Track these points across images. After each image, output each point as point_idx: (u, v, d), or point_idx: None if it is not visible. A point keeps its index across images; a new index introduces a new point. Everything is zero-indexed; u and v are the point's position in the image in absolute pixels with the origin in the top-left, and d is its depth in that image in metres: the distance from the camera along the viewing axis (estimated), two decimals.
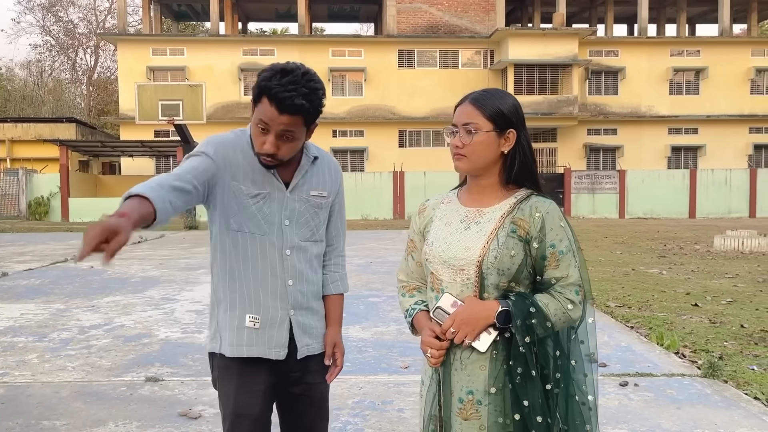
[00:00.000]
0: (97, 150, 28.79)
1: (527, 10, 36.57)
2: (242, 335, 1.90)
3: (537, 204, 1.68)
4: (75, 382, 4.29)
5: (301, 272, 1.95)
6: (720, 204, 26.81)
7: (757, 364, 4.60)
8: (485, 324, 1.62)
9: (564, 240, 1.66)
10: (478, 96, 1.72)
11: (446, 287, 1.70)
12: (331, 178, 2.03)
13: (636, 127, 30.52)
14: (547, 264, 1.66)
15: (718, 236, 13.39)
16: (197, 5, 36.21)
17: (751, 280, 8.77)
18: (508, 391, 1.62)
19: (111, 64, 46.64)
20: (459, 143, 1.69)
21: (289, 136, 1.80)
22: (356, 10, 38.49)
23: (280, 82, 1.75)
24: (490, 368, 1.64)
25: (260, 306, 1.91)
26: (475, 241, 1.68)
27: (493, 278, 1.65)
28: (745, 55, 30.77)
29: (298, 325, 1.95)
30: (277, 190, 1.90)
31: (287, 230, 1.92)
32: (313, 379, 2.00)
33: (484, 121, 1.68)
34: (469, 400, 1.65)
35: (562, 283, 1.65)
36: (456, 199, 1.81)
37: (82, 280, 9.12)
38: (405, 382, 4.21)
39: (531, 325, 1.59)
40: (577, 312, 1.65)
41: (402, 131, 30.44)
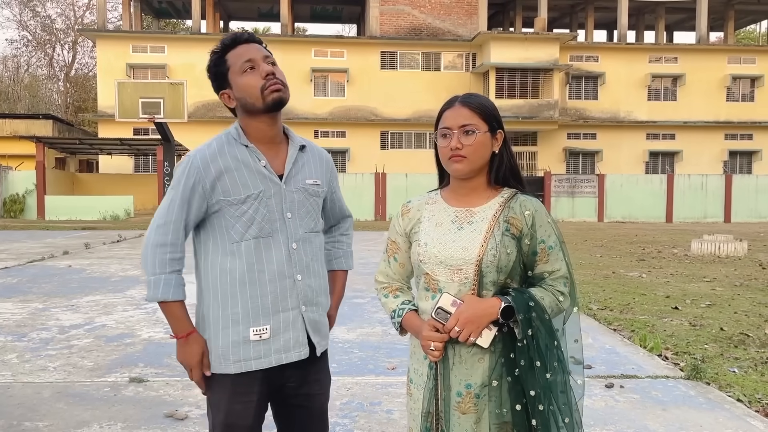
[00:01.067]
0: (74, 147, 28.37)
1: (509, 15, 36.85)
2: (248, 350, 1.85)
3: (525, 202, 1.75)
4: (57, 382, 4.22)
5: (308, 265, 1.92)
6: (696, 209, 27.24)
7: (737, 367, 4.68)
8: (488, 321, 1.66)
9: (552, 235, 1.74)
10: (470, 99, 1.77)
11: (443, 287, 1.73)
12: (322, 167, 2.02)
13: (615, 132, 30.91)
14: (538, 259, 1.73)
15: (695, 240, 13.59)
16: (178, 3, 35.91)
17: (728, 283, 8.91)
18: (507, 383, 1.67)
19: (89, 60, 46.09)
20: (459, 144, 1.71)
21: (271, 60, 1.89)
22: (339, 10, 38.47)
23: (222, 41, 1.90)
24: (489, 361, 1.69)
25: (269, 314, 1.86)
26: (471, 241, 1.72)
27: (491, 276, 1.69)
28: (722, 62, 31.33)
29: (309, 322, 1.92)
30: (272, 184, 1.86)
31: (291, 223, 1.89)
32: (312, 390, 1.96)
33: (481, 123, 1.73)
34: (468, 393, 1.69)
35: (553, 276, 1.74)
36: (441, 200, 1.83)
37: (61, 279, 8.98)
38: (393, 383, 4.20)
39: (531, 318, 1.65)
40: (567, 302, 1.74)
41: (384, 133, 30.47)
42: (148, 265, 1.81)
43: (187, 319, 1.86)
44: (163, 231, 1.82)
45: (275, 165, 1.89)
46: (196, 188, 1.81)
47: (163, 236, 1.81)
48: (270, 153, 1.89)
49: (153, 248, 1.81)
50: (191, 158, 1.84)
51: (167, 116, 19.51)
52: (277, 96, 1.84)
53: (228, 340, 1.84)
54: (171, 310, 1.84)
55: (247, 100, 1.85)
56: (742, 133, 31.62)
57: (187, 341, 1.84)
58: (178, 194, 1.82)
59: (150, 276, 1.81)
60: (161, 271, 1.80)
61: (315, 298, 1.94)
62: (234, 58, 1.85)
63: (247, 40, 1.89)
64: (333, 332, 5.60)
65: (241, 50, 1.86)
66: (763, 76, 31.18)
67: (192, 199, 1.81)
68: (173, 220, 1.81)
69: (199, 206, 1.83)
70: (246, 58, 1.84)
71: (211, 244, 1.87)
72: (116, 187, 27.41)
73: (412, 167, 28.50)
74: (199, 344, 1.85)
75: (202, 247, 1.90)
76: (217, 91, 1.92)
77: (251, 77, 1.83)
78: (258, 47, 1.88)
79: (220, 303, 1.85)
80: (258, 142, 1.88)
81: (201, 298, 1.91)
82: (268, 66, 1.85)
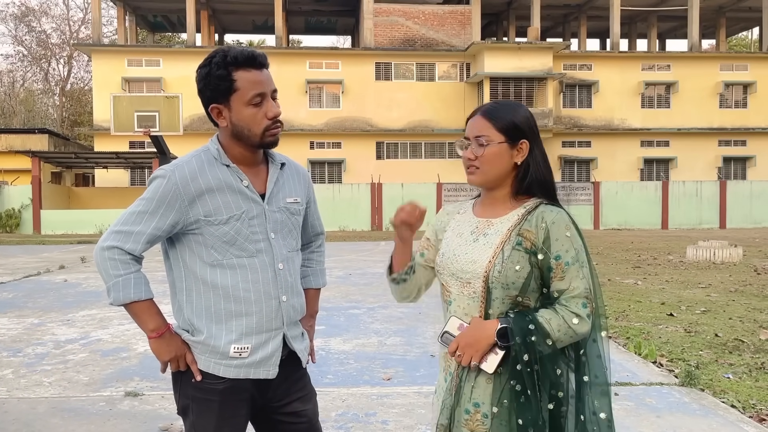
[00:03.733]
0: (70, 161, 28.37)
1: (502, 24, 37.08)
2: (224, 361, 1.81)
3: (544, 214, 1.65)
4: (52, 397, 4.22)
5: (292, 286, 1.90)
6: (691, 215, 27.32)
7: (732, 373, 4.70)
8: (487, 344, 1.60)
9: (570, 251, 1.61)
10: (490, 108, 1.71)
11: (455, 299, 1.71)
12: (301, 184, 1.99)
13: (609, 140, 31.03)
14: (553, 275, 1.62)
15: (690, 247, 13.63)
16: (173, 16, 36.08)
17: (723, 289, 8.94)
18: (514, 408, 1.60)
19: (84, 74, 46.15)
20: (471, 155, 1.69)
21: (275, 93, 1.82)
22: (333, 22, 38.67)
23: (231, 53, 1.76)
24: (495, 383, 1.63)
25: (252, 334, 1.82)
26: (481, 254, 1.67)
27: (498, 292, 1.63)
28: (714, 69, 31.52)
29: (291, 339, 1.90)
30: (254, 204, 1.82)
31: (275, 243, 1.85)
32: (300, 406, 1.93)
33: (496, 133, 1.67)
34: (476, 411, 1.65)
35: (566, 295, 1.60)
36: (470, 210, 1.81)
37: (57, 294, 8.96)
38: (388, 393, 4.21)
39: (531, 342, 1.56)
40: (584, 326, 1.59)
41: (379, 143, 30.55)
42: (108, 268, 1.74)
43: (161, 313, 1.81)
44: (122, 238, 1.75)
45: (256, 184, 1.84)
46: (173, 204, 1.75)
47: (121, 242, 1.74)
48: (250, 172, 1.85)
49: (109, 251, 1.74)
50: (169, 174, 1.76)
51: (163, 129, 19.55)
52: (275, 140, 1.83)
53: (208, 346, 1.80)
54: (145, 307, 1.78)
55: (244, 133, 1.79)
56: (736, 140, 31.78)
57: (171, 332, 1.81)
58: (150, 207, 1.75)
59: (112, 280, 1.74)
60: (125, 271, 1.74)
61: (296, 317, 1.94)
62: (244, 84, 1.75)
63: (261, 64, 1.79)
64: (329, 343, 5.64)
65: (253, 76, 1.76)
66: (755, 82, 31.38)
67: (166, 215, 1.75)
68: (137, 231, 1.75)
69: (173, 223, 1.76)
70: (257, 91, 1.76)
71: (188, 258, 1.82)
72: (112, 201, 27.37)
73: (408, 177, 28.56)
74: (178, 335, 1.83)
75: (177, 260, 1.85)
76: (207, 101, 1.81)
77: (257, 113, 1.77)
78: (269, 77, 1.80)
79: (204, 317, 1.80)
80: (239, 162, 1.83)
81: (182, 311, 1.84)
82: (276, 108, 1.79)
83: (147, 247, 1.79)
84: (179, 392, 1.88)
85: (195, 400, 1.83)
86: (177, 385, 1.88)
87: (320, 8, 35.47)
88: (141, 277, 1.79)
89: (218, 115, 1.81)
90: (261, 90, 1.77)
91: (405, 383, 4.46)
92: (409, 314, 7.10)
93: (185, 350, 1.82)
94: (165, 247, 1.88)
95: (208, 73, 1.77)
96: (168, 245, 1.87)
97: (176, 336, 1.83)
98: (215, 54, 1.78)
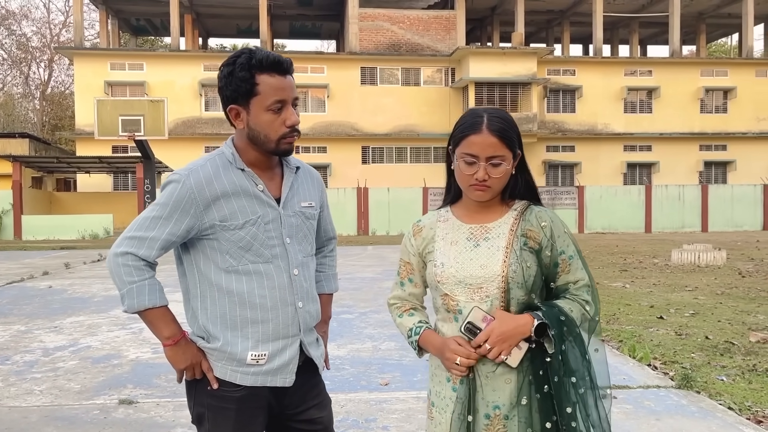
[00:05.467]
0: (52, 166, 28.01)
1: (486, 29, 37.32)
2: (240, 368, 1.79)
3: (540, 214, 1.72)
4: (44, 406, 4.14)
5: (307, 292, 1.87)
6: (674, 219, 27.62)
7: (725, 375, 4.74)
8: (521, 338, 1.61)
9: (570, 245, 1.72)
10: (497, 125, 1.67)
11: (464, 307, 1.68)
12: (315, 188, 1.97)
13: (593, 144, 31.30)
14: (560, 270, 1.70)
15: (675, 250, 13.77)
16: (156, 20, 35.85)
17: (710, 292, 9.03)
18: (536, 401, 1.62)
19: (66, 78, 45.64)
20: (486, 177, 1.65)
21: (296, 101, 1.79)
22: (318, 27, 38.68)
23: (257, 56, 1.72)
24: (516, 380, 1.64)
25: (268, 341, 1.79)
26: (489, 258, 1.68)
27: (515, 292, 1.66)
28: (695, 75, 31.96)
29: (307, 345, 1.88)
30: (270, 209, 1.79)
31: (290, 248, 1.82)
32: (317, 414, 1.91)
33: (507, 152, 1.68)
34: (496, 415, 1.65)
35: (576, 285, 1.71)
36: (453, 217, 1.79)
37: (42, 300, 8.82)
38: (387, 399, 4.18)
39: (563, 332, 1.62)
40: (592, 310, 1.72)
41: (365, 147, 30.55)
42: (122, 275, 1.71)
43: (176, 320, 1.78)
44: (136, 243, 1.72)
45: (271, 188, 1.82)
46: (188, 210, 1.72)
47: (135, 248, 1.71)
48: (265, 176, 1.82)
49: (123, 257, 1.71)
50: (184, 178, 1.73)
51: (148, 134, 19.37)
52: (290, 148, 1.81)
53: (225, 353, 1.77)
54: (160, 315, 1.74)
55: (260, 138, 1.76)
56: (717, 144, 32.21)
57: (186, 340, 1.78)
58: (164, 212, 1.72)
59: (126, 286, 1.70)
60: (140, 277, 1.71)
61: (312, 323, 1.91)
62: (266, 88, 1.72)
63: (286, 70, 1.75)
64: None
65: (276, 82, 1.73)
66: (735, 88, 31.86)
67: (181, 220, 1.72)
68: (151, 237, 1.72)
69: (188, 228, 1.73)
70: (279, 97, 1.73)
71: (202, 263, 1.78)
72: (95, 206, 27.08)
73: (393, 181, 28.58)
74: (194, 342, 1.80)
75: (191, 266, 1.81)
76: (226, 101, 1.77)
77: (275, 120, 1.74)
78: (292, 85, 1.77)
79: (219, 324, 1.77)
80: (254, 166, 1.81)
81: (197, 318, 1.81)
82: (294, 116, 1.76)
83: (161, 253, 1.76)
84: (194, 400, 1.84)
85: (211, 408, 1.79)
86: (191, 393, 1.84)
87: (305, 12, 35.45)
88: (155, 283, 1.76)
89: (236, 117, 1.78)
90: (282, 97, 1.74)
91: (403, 388, 4.44)
92: None
93: (201, 358, 1.79)
94: (178, 253, 1.85)
95: (231, 72, 1.73)
96: (182, 250, 1.83)
97: (192, 343, 1.80)
98: (240, 54, 1.74)
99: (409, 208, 26.19)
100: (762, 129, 32.05)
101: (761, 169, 31.64)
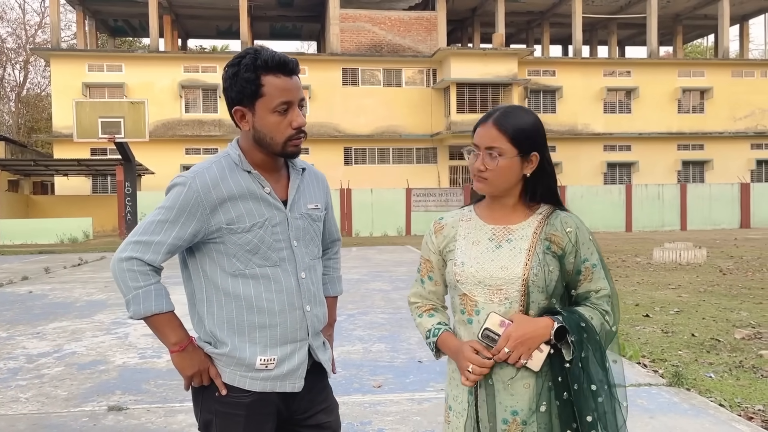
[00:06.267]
0: (29, 169, 27.56)
1: (467, 31, 37.47)
2: (249, 373, 1.76)
3: (565, 219, 1.69)
4: (31, 414, 4.06)
5: (314, 295, 1.85)
6: (654, 218, 27.93)
7: (713, 372, 4.79)
8: (540, 342, 1.59)
9: (594, 253, 1.69)
10: (503, 118, 1.66)
11: (482, 308, 1.65)
12: (320, 190, 1.95)
13: (574, 145, 31.56)
14: (582, 278, 1.67)
15: (657, 249, 13.92)
16: (135, 21, 35.44)
17: (693, 290, 9.15)
18: (555, 407, 1.60)
19: (42, 80, 44.93)
20: (482, 167, 1.65)
21: (303, 102, 1.75)
22: (299, 28, 38.53)
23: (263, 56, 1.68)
24: (535, 386, 1.61)
25: (276, 345, 1.76)
26: (511, 260, 1.65)
27: (535, 295, 1.64)
28: (672, 75, 32.37)
29: (315, 348, 1.86)
30: (277, 211, 1.76)
31: (297, 251, 1.80)
32: (325, 418, 1.89)
33: (509, 146, 1.64)
34: (514, 420, 1.62)
35: (598, 295, 1.68)
36: (476, 217, 1.76)
37: (22, 306, 8.66)
38: (381, 401, 4.17)
39: (582, 339, 1.59)
40: (611, 320, 1.69)
41: (347, 149, 30.49)
42: (127, 280, 1.67)
43: (183, 326, 1.74)
44: (141, 248, 1.68)
45: (277, 190, 1.79)
46: (194, 213, 1.68)
47: (140, 253, 1.67)
48: (272, 178, 1.80)
49: (128, 262, 1.67)
50: (189, 181, 1.69)
51: (128, 135, 19.13)
52: (297, 150, 1.78)
53: (233, 358, 1.74)
54: (166, 320, 1.70)
55: (265, 140, 1.73)
56: (694, 144, 32.64)
57: (194, 345, 1.74)
58: (170, 216, 1.68)
59: (131, 292, 1.66)
60: (145, 283, 1.67)
61: (320, 327, 1.89)
62: (272, 90, 1.68)
63: (292, 71, 1.72)
64: None
65: (282, 83, 1.69)
66: (712, 88, 32.32)
67: (187, 224, 1.68)
68: (157, 241, 1.68)
69: (194, 232, 1.70)
70: (285, 99, 1.70)
71: (209, 267, 1.75)
72: (73, 209, 26.67)
73: (376, 183, 28.55)
74: (201, 348, 1.76)
75: (197, 270, 1.78)
76: (231, 103, 1.74)
77: (281, 122, 1.71)
78: (298, 85, 1.74)
79: (226, 329, 1.74)
80: (260, 168, 1.78)
81: (203, 323, 1.78)
82: (301, 118, 1.73)
83: (167, 257, 1.72)
84: (201, 406, 1.80)
85: (219, 414, 1.76)
86: (198, 398, 1.81)
87: (285, 14, 35.29)
88: (161, 288, 1.72)
89: (241, 118, 1.74)
90: (288, 98, 1.71)
91: (396, 390, 4.42)
92: (391, 320, 7.07)
93: (209, 364, 1.76)
94: (183, 257, 1.81)
95: (235, 73, 1.69)
96: (187, 254, 1.80)
97: (199, 349, 1.76)
98: (245, 54, 1.70)
99: (392, 209, 26.18)
100: (738, 129, 32.56)
101: (737, 168, 32.16)
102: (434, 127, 30.33)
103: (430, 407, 4.03)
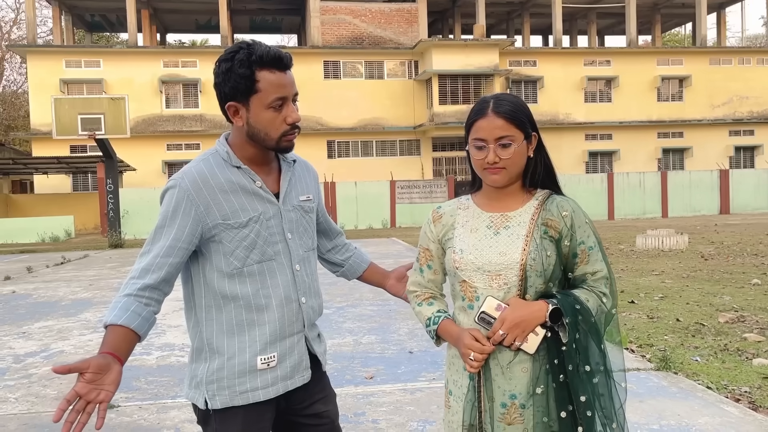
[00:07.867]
0: (7, 167, 27.13)
1: (448, 22, 37.45)
2: (255, 379, 1.75)
3: (561, 203, 1.71)
4: (21, 414, 4.03)
5: (309, 286, 1.86)
6: (635, 206, 28.24)
7: (699, 356, 4.88)
8: (536, 324, 1.61)
9: (591, 236, 1.71)
10: (503, 107, 1.68)
11: (482, 294, 1.67)
12: (311, 181, 1.95)
13: (555, 134, 31.74)
14: (579, 261, 1.69)
15: (639, 236, 14.09)
16: (112, 16, 34.98)
17: (676, 276, 9.28)
18: (552, 390, 1.63)
19: (18, 77, 44.18)
20: (496, 159, 1.66)
21: (297, 97, 1.75)
22: (279, 21, 38.26)
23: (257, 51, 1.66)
24: (533, 369, 1.64)
25: (276, 341, 1.76)
26: (509, 246, 1.67)
27: (533, 280, 1.65)
28: (652, 64, 32.66)
29: (311, 341, 1.87)
30: (270, 205, 1.76)
31: (292, 243, 1.80)
32: (322, 408, 1.90)
33: (517, 132, 1.68)
34: (512, 404, 1.65)
35: (595, 277, 1.70)
36: (474, 205, 1.79)
37: (6, 306, 8.56)
38: (373, 392, 4.19)
39: (578, 321, 1.61)
40: (609, 303, 1.71)
41: (330, 142, 30.41)
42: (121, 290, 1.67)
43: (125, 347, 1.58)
44: (143, 260, 1.68)
45: (268, 184, 1.79)
46: (189, 212, 1.67)
47: (139, 263, 1.68)
48: (262, 172, 1.79)
49: (131, 272, 1.69)
50: (179, 182, 1.69)
51: (109, 132, 18.86)
52: (290, 145, 1.77)
53: (234, 370, 1.72)
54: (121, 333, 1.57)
55: (260, 135, 1.72)
56: (674, 132, 33.00)
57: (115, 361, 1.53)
58: (166, 220, 1.68)
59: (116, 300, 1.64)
60: (127, 292, 1.63)
61: (315, 319, 1.90)
62: (266, 86, 1.67)
63: (286, 66, 1.71)
64: None
65: (276, 78, 1.68)
66: (690, 76, 32.66)
67: (184, 223, 1.67)
68: (157, 247, 1.68)
69: (192, 232, 1.68)
70: (279, 94, 1.68)
71: (208, 271, 1.74)
72: (54, 208, 26.36)
73: (360, 175, 28.53)
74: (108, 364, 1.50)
75: (198, 275, 1.76)
76: (224, 98, 1.72)
77: (276, 117, 1.70)
78: (292, 80, 1.72)
79: (225, 331, 1.73)
80: (251, 162, 1.77)
81: (199, 328, 1.77)
82: (295, 113, 1.72)
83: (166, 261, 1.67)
84: (203, 419, 1.80)
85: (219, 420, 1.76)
86: (200, 411, 1.80)
87: (265, 7, 35.02)
88: (135, 304, 1.61)
89: (234, 114, 1.72)
90: (283, 94, 1.69)
91: (388, 381, 4.45)
92: (380, 312, 7.09)
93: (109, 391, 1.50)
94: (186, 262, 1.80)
95: (229, 69, 1.67)
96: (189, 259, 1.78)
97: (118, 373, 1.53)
98: (238, 49, 1.68)
99: (376, 202, 26.20)
100: (716, 116, 32.96)
101: (716, 155, 32.57)
102: (417, 119, 30.33)
103: (423, 397, 4.06)
